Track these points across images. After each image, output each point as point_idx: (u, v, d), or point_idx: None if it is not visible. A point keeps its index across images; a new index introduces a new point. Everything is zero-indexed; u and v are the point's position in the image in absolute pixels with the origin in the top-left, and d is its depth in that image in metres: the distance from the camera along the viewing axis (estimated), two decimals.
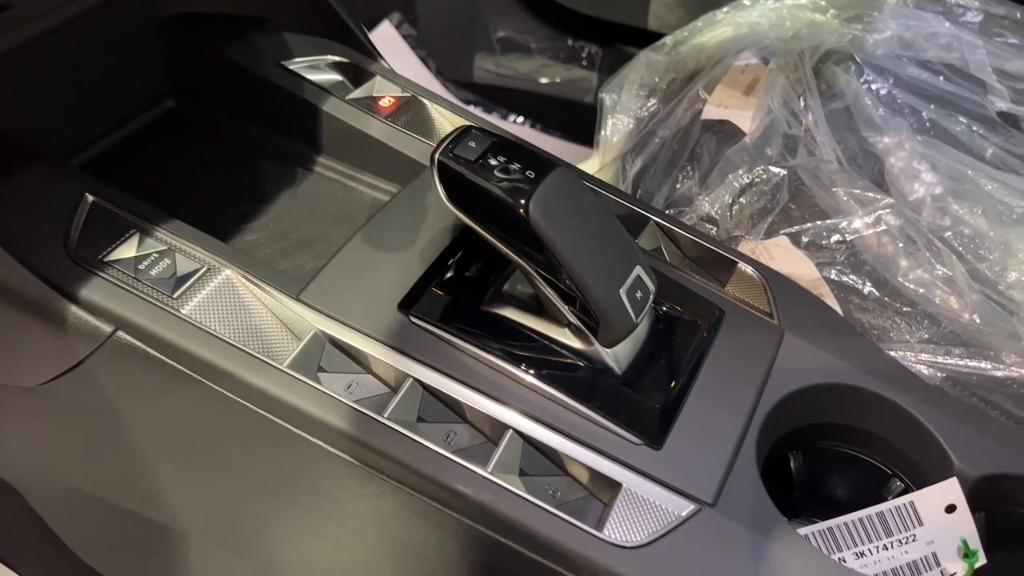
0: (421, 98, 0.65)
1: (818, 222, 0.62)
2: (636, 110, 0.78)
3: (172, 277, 0.50)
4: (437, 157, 0.48)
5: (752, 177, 0.64)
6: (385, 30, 1.32)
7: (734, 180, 0.64)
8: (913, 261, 0.60)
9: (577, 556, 0.43)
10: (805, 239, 0.62)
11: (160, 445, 0.56)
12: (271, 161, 0.65)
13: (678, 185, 0.68)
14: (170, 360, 0.48)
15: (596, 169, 0.80)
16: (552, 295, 0.48)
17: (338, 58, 0.66)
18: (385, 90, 0.65)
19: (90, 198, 0.52)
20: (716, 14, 0.87)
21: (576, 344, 0.49)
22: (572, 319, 0.49)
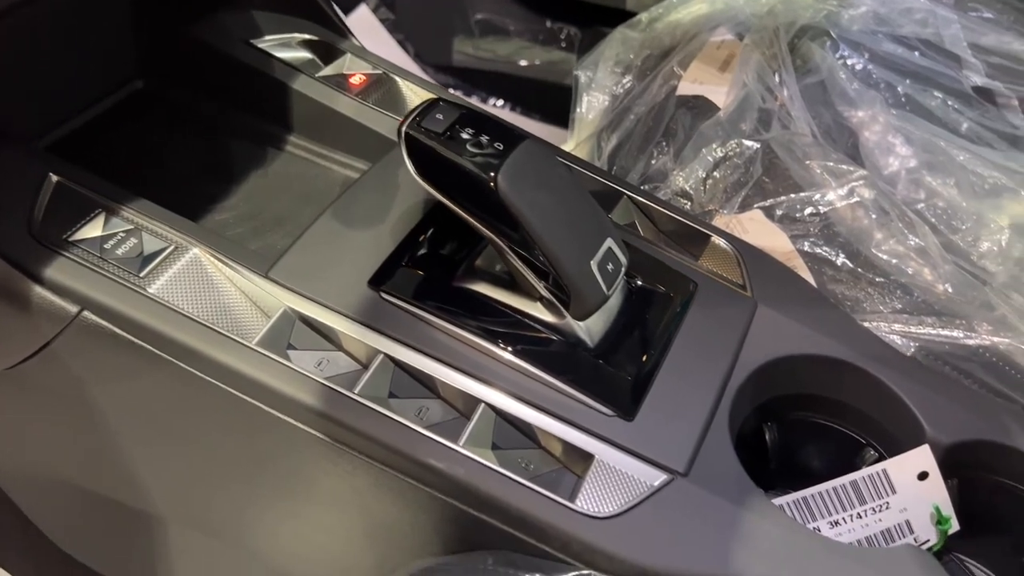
0: (392, 75, 0.64)
1: (792, 195, 0.62)
2: (611, 87, 0.77)
3: (139, 256, 0.49)
4: (404, 130, 0.47)
5: (726, 151, 0.64)
6: (362, 14, 1.31)
7: (708, 154, 0.64)
8: (886, 232, 0.60)
9: (549, 527, 0.43)
10: (779, 212, 0.62)
11: (133, 429, 0.55)
12: (241, 141, 0.64)
13: (653, 161, 0.68)
14: (137, 340, 0.48)
15: (572, 147, 0.79)
16: (523, 269, 0.48)
17: (308, 36, 0.66)
18: (356, 67, 0.64)
19: (54, 178, 0.51)
20: None
21: (548, 318, 0.49)
22: (544, 293, 0.48)
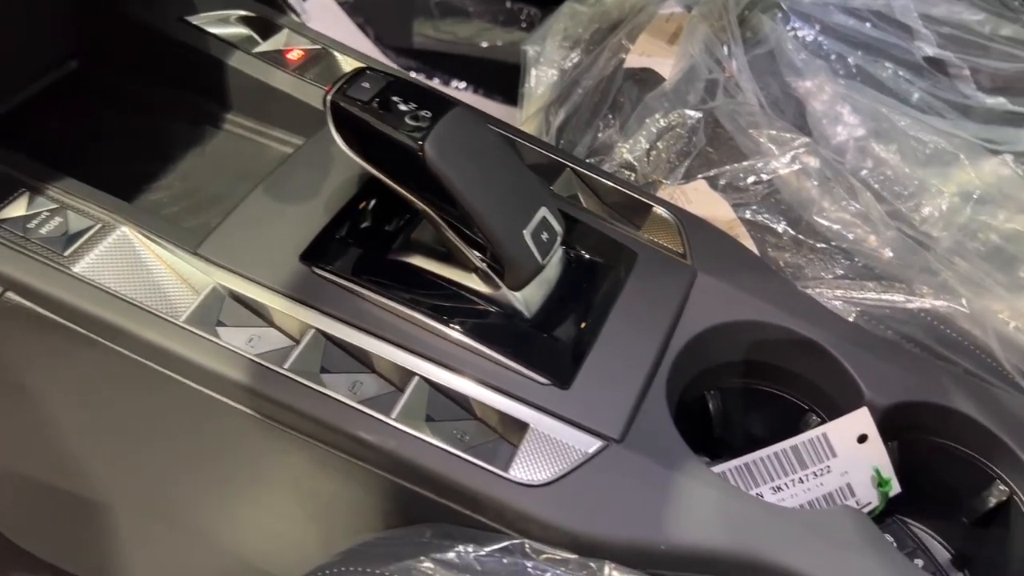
0: (332, 50, 0.63)
1: (735, 164, 0.61)
2: (559, 61, 0.77)
3: (63, 235, 0.48)
4: (329, 98, 0.46)
5: (669, 121, 0.64)
6: None
7: (651, 125, 0.64)
8: (829, 199, 0.60)
9: (483, 497, 0.43)
10: (722, 182, 0.61)
11: (69, 413, 0.54)
12: (177, 119, 0.63)
13: (600, 134, 0.68)
14: (63, 320, 0.47)
15: (521, 121, 0.79)
16: (456, 240, 0.47)
17: (245, 12, 0.64)
18: (294, 43, 0.63)
19: None
20: None
21: (484, 289, 0.49)
22: (478, 264, 0.48)
